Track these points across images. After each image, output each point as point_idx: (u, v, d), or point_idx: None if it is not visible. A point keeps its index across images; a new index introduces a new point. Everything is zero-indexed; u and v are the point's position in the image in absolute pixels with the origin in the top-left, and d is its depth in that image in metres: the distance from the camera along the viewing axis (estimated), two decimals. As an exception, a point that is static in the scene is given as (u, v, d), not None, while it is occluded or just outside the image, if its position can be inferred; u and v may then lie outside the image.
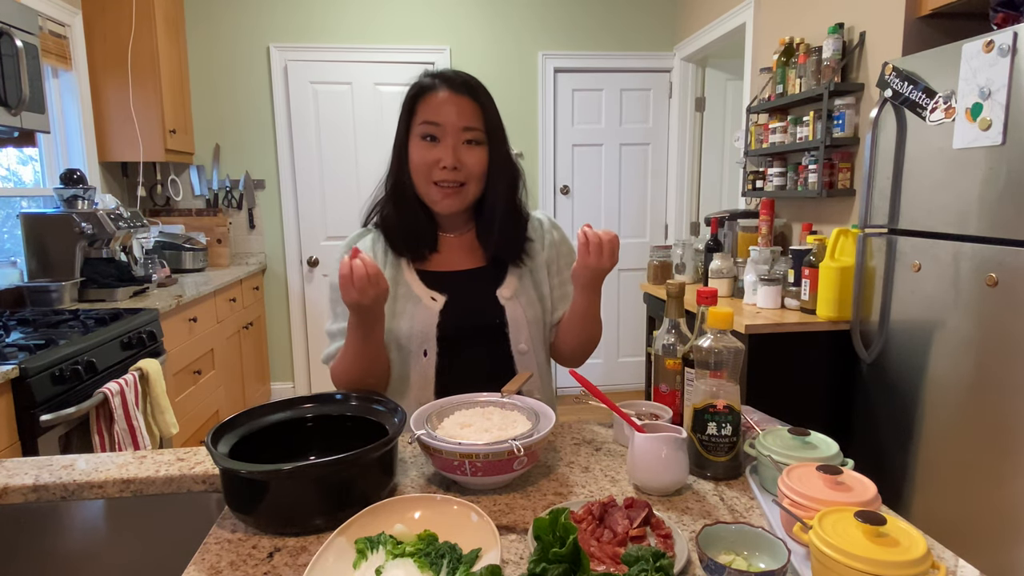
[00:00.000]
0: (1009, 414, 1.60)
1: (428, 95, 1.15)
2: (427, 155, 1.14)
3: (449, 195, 1.16)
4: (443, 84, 1.15)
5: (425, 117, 1.14)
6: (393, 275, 1.21)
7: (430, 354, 1.18)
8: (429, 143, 1.14)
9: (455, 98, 1.14)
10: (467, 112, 1.15)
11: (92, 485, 0.94)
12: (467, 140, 1.15)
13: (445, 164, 1.13)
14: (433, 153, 1.14)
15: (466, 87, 1.16)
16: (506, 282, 1.22)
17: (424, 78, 1.19)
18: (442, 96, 1.14)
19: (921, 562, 0.59)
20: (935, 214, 1.82)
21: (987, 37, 1.60)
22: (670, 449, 0.87)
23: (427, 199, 1.19)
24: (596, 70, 4.02)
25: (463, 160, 1.14)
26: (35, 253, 2.55)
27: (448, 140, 1.14)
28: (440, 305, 1.18)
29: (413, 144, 1.16)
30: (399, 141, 1.19)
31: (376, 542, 0.74)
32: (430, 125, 1.14)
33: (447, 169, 1.14)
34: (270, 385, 4.04)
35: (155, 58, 3.20)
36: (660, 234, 4.23)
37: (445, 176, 1.14)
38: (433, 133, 1.14)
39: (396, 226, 1.21)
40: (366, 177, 3.89)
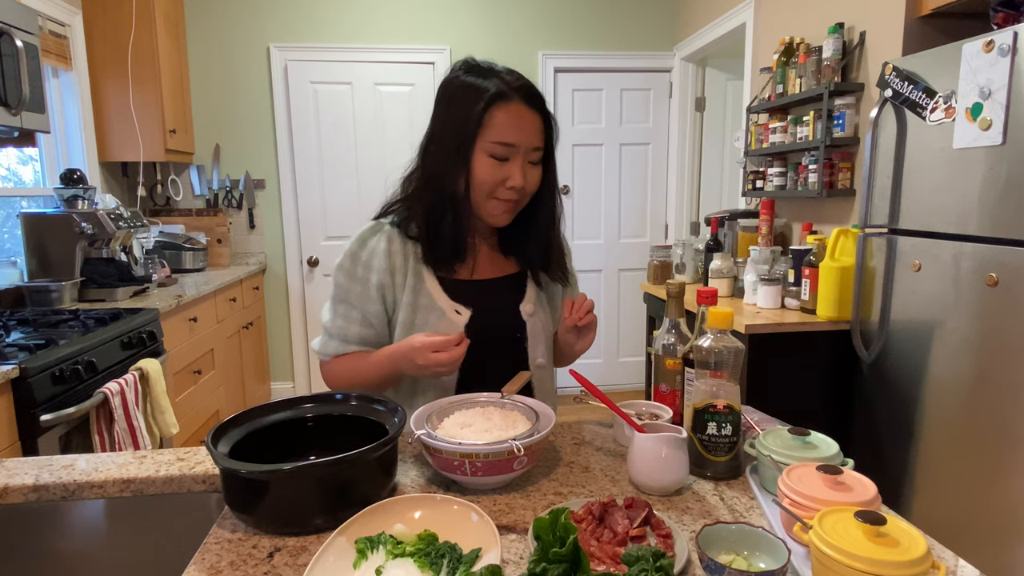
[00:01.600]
0: (1009, 414, 1.60)
1: (503, 106, 1.05)
2: (496, 173, 1.07)
3: (508, 211, 1.12)
4: (518, 96, 1.06)
5: (500, 136, 1.05)
6: (414, 283, 1.15)
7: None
8: (498, 161, 1.07)
9: (529, 114, 1.07)
10: (539, 130, 1.09)
11: (92, 485, 0.94)
12: (531, 160, 1.10)
13: (514, 184, 1.07)
14: (502, 171, 1.07)
15: (541, 102, 1.09)
16: (527, 296, 1.21)
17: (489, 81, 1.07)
18: (520, 110, 1.06)
19: (921, 562, 0.59)
20: (935, 214, 1.82)
21: (987, 37, 1.60)
22: (670, 449, 0.87)
23: (482, 210, 1.12)
24: (596, 70, 4.02)
25: (527, 180, 1.09)
26: (35, 253, 2.55)
27: (519, 160, 1.07)
28: (465, 319, 1.14)
29: (479, 158, 1.07)
30: (456, 147, 1.08)
31: (376, 542, 0.74)
32: (505, 147, 1.05)
33: (514, 189, 1.08)
34: (270, 385, 4.04)
35: (155, 58, 3.20)
36: (660, 234, 4.23)
37: (511, 196, 1.09)
38: (506, 154, 1.06)
39: (437, 238, 1.13)
40: (366, 177, 3.89)
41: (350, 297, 1.16)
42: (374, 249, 1.15)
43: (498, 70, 1.10)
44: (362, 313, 1.16)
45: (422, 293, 1.15)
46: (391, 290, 1.15)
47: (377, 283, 1.14)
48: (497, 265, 1.22)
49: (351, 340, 1.16)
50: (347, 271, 1.16)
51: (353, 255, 1.16)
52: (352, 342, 1.16)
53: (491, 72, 1.09)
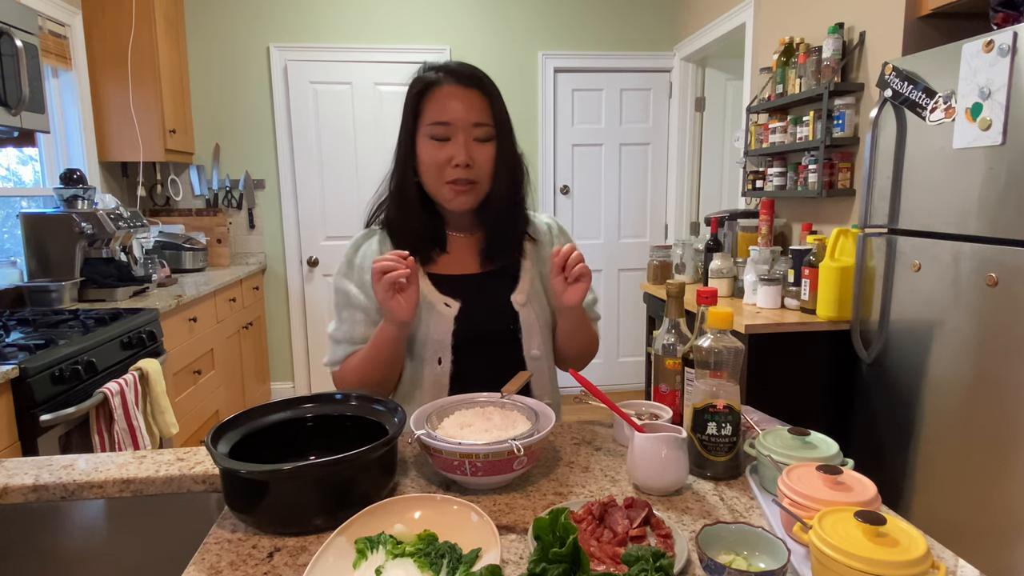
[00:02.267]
0: (1009, 414, 1.60)
1: (434, 91, 1.10)
2: (438, 154, 1.10)
3: (461, 193, 1.13)
4: (449, 78, 1.11)
5: (434, 117, 1.09)
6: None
7: (444, 362, 1.16)
8: (439, 142, 1.10)
9: (463, 92, 1.10)
10: (476, 106, 1.10)
11: (92, 485, 0.94)
12: (476, 137, 1.11)
13: (458, 162, 1.09)
14: (444, 152, 1.10)
15: (473, 79, 1.12)
16: (519, 287, 1.20)
17: (427, 72, 1.13)
18: (449, 91, 1.10)
19: (921, 562, 0.59)
20: (935, 214, 1.82)
21: (987, 37, 1.60)
22: (670, 449, 0.87)
23: (439, 198, 1.15)
24: (596, 70, 4.02)
25: (474, 157, 1.10)
26: (35, 253, 2.55)
27: (459, 137, 1.10)
28: (455, 311, 1.15)
29: (422, 144, 1.12)
30: (404, 139, 1.14)
31: (376, 542, 0.74)
32: (440, 126, 1.09)
33: (460, 167, 1.10)
34: (270, 385, 4.04)
35: (155, 58, 3.20)
36: (660, 234, 4.23)
37: (459, 175, 1.10)
38: (443, 133, 1.10)
39: (403, 228, 1.18)
40: (366, 177, 3.89)
41: (352, 300, 1.18)
42: (366, 252, 1.20)
43: (441, 65, 1.14)
44: (365, 312, 1.18)
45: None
46: None
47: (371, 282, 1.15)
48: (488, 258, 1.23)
49: (358, 340, 1.18)
50: (345, 275, 1.21)
51: (349, 261, 1.21)
52: (360, 342, 1.17)
53: (432, 67, 1.14)
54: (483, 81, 1.13)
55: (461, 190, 1.12)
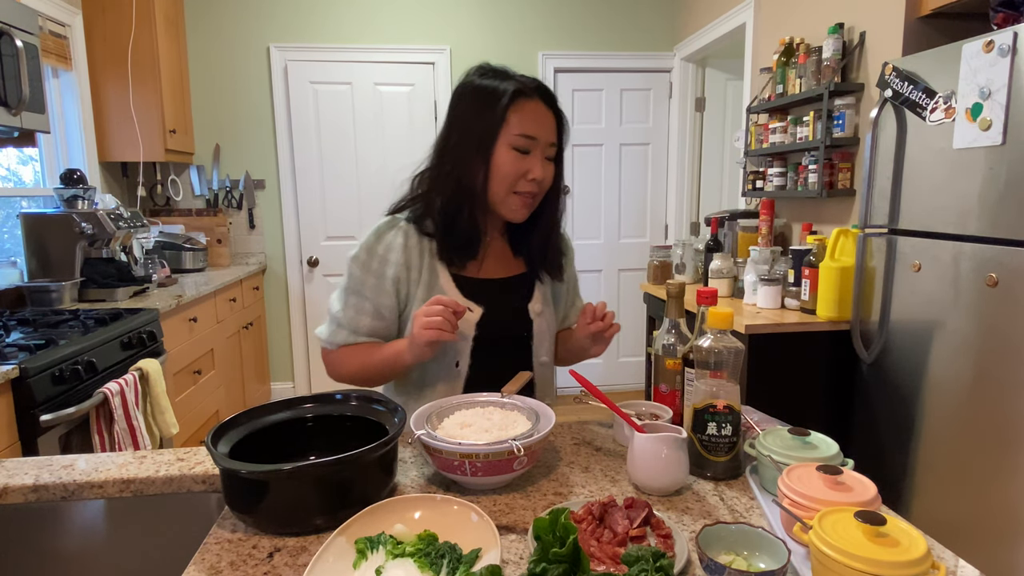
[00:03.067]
0: (1009, 414, 1.60)
1: (524, 103, 1.11)
2: (518, 166, 1.11)
3: (526, 206, 1.16)
4: (537, 95, 1.13)
5: (523, 129, 1.11)
6: (428, 279, 1.17)
7: (462, 364, 1.17)
8: (520, 154, 1.12)
9: (547, 111, 1.14)
10: (553, 128, 1.15)
11: (92, 485, 0.94)
12: (548, 156, 1.15)
13: (534, 176, 1.12)
14: (524, 164, 1.12)
15: (555, 100, 1.16)
16: (535, 296, 1.24)
17: (508, 82, 1.13)
18: (538, 108, 1.13)
19: (921, 562, 0.59)
20: (935, 214, 1.82)
21: (987, 37, 1.60)
22: (670, 449, 0.87)
23: (501, 206, 1.15)
24: (596, 70, 4.02)
25: (544, 174, 1.15)
26: (35, 253, 2.55)
27: (538, 153, 1.13)
28: (477, 317, 1.16)
29: (502, 151, 1.11)
30: (477, 143, 1.12)
31: (376, 542, 0.74)
32: (527, 139, 1.11)
33: (534, 182, 1.13)
34: (270, 385, 4.04)
35: (155, 58, 3.20)
36: (660, 234, 4.23)
37: (531, 188, 1.13)
38: (526, 147, 1.12)
39: (454, 231, 1.16)
40: (366, 177, 3.89)
41: (364, 289, 1.17)
42: (390, 243, 1.17)
43: (513, 73, 1.16)
44: (375, 305, 1.17)
45: (436, 289, 1.17)
46: (405, 284, 1.17)
47: (393, 277, 1.16)
48: (507, 264, 1.25)
49: (361, 332, 1.18)
50: (362, 263, 1.17)
51: (369, 248, 1.18)
52: (362, 334, 1.18)
53: (507, 75, 1.15)
54: (558, 102, 1.17)
55: (526, 203, 1.15)
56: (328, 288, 3.99)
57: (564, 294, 1.34)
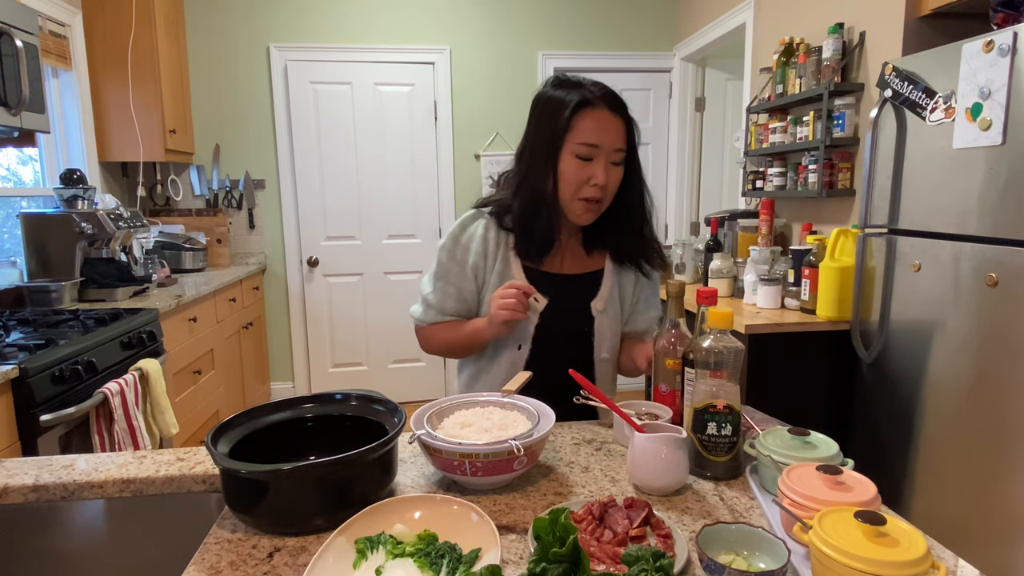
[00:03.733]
0: (1009, 414, 1.60)
1: (588, 112, 1.16)
2: (581, 173, 1.17)
3: (591, 210, 1.21)
4: (602, 102, 1.17)
5: (585, 138, 1.16)
6: (502, 269, 1.27)
7: (524, 348, 1.26)
8: (583, 161, 1.17)
9: (612, 118, 1.17)
10: (620, 133, 1.18)
11: (92, 485, 0.94)
12: (613, 161, 1.19)
13: (597, 182, 1.17)
14: (587, 171, 1.17)
15: (622, 107, 1.19)
16: (600, 294, 1.29)
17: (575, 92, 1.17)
18: (602, 115, 1.16)
19: (921, 562, 0.59)
20: (935, 214, 1.82)
21: (987, 37, 1.60)
22: (670, 449, 0.87)
23: (567, 210, 1.22)
24: (596, 70, 4.02)
25: (608, 179, 1.18)
26: (35, 253, 2.55)
27: (602, 160, 1.17)
28: (541, 307, 1.25)
29: (567, 158, 1.17)
30: (542, 147, 1.19)
31: (376, 542, 0.74)
32: (589, 147, 1.16)
33: (597, 188, 1.17)
34: (270, 385, 4.04)
35: (155, 58, 3.20)
36: (660, 234, 4.22)
37: (593, 194, 1.18)
38: (590, 154, 1.16)
39: (528, 230, 1.24)
40: (366, 177, 3.89)
41: (449, 276, 1.29)
42: (472, 233, 1.28)
43: (583, 82, 1.20)
44: (458, 289, 1.29)
45: (507, 278, 1.27)
46: (482, 272, 1.28)
47: (472, 264, 1.27)
48: (579, 262, 1.31)
49: (447, 312, 1.30)
50: (448, 251, 1.29)
51: (455, 237, 1.29)
52: (448, 313, 1.30)
53: (577, 84, 1.19)
54: (626, 109, 1.20)
55: (591, 207, 1.21)
56: (328, 288, 3.99)
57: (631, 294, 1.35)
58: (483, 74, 3.89)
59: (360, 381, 4.09)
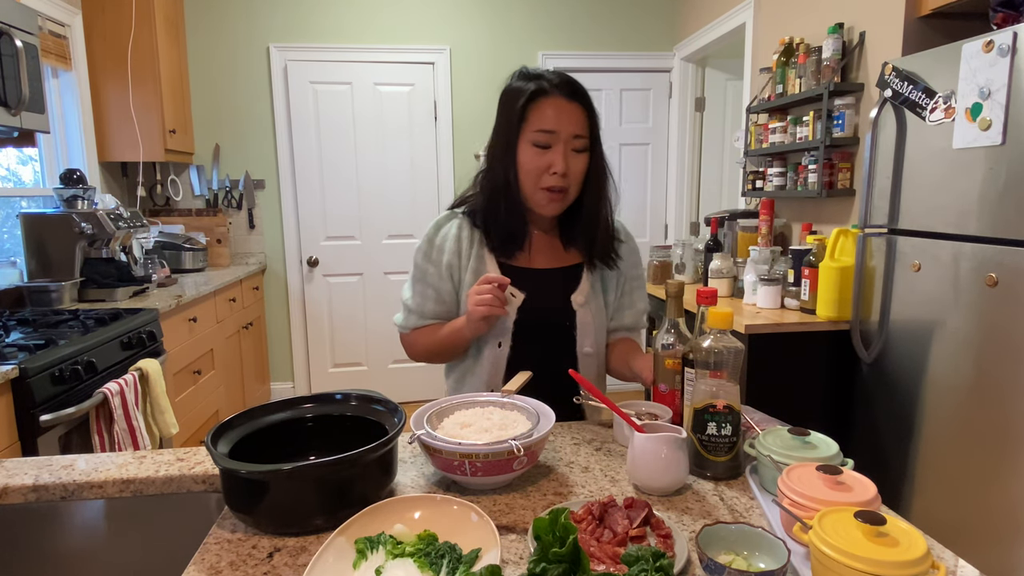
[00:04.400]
0: (1009, 414, 1.60)
1: (541, 100, 1.16)
2: (539, 161, 1.17)
3: (555, 200, 1.20)
4: (556, 90, 1.17)
5: (540, 125, 1.16)
6: (476, 266, 1.26)
7: (504, 346, 1.25)
8: (541, 149, 1.17)
9: (568, 105, 1.17)
10: (577, 119, 1.17)
11: (92, 485, 0.94)
12: (574, 148, 1.18)
13: (556, 170, 1.16)
14: (545, 159, 1.17)
15: (577, 94, 1.18)
16: (580, 288, 1.28)
17: (533, 82, 1.18)
18: (556, 102, 1.16)
19: (921, 562, 0.59)
20: (935, 214, 1.82)
21: (987, 37, 1.60)
22: (670, 449, 0.87)
23: (532, 202, 1.22)
24: (596, 70, 4.02)
25: (570, 167, 1.18)
26: (35, 253, 2.55)
27: (559, 147, 1.16)
28: (518, 302, 1.24)
29: (524, 149, 1.18)
30: (503, 141, 1.20)
31: (376, 542, 0.74)
32: (545, 134, 1.16)
33: (557, 175, 1.17)
34: (270, 385, 4.04)
35: (155, 58, 3.20)
36: (660, 234, 4.23)
37: (555, 182, 1.18)
38: (546, 141, 1.16)
39: (495, 224, 1.25)
40: (366, 177, 3.89)
41: (426, 277, 1.29)
42: (446, 234, 1.29)
43: (543, 73, 1.20)
44: (436, 291, 1.29)
45: (482, 275, 1.25)
46: (457, 270, 1.28)
47: (447, 263, 1.28)
48: (556, 256, 1.30)
49: (427, 315, 1.30)
50: (424, 253, 1.30)
51: (430, 239, 1.30)
52: (428, 316, 1.30)
53: (537, 75, 1.20)
54: (585, 96, 1.19)
55: (554, 197, 1.20)
56: (328, 288, 3.99)
57: (615, 288, 1.35)
58: (483, 74, 3.89)
59: (360, 381, 4.09)
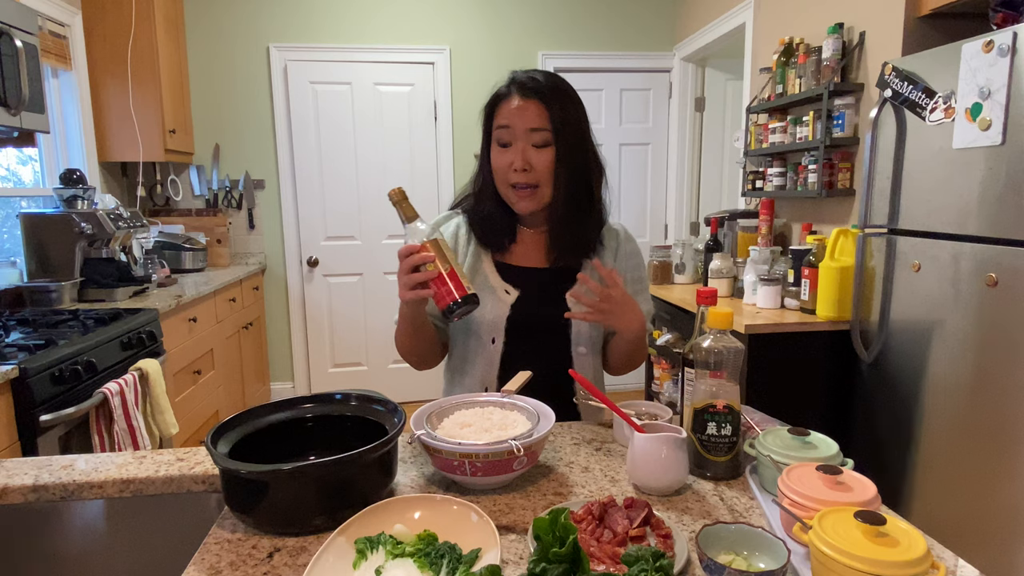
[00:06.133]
0: (1009, 414, 1.60)
1: (503, 102, 1.20)
2: (501, 159, 1.20)
3: (524, 197, 1.22)
4: (515, 89, 1.20)
5: (498, 122, 1.20)
6: (473, 263, 1.27)
7: (497, 342, 1.25)
8: (503, 148, 1.20)
9: (523, 102, 1.18)
10: (533, 114, 1.18)
11: (92, 485, 0.94)
12: (535, 143, 1.18)
13: (516, 166, 1.18)
14: (506, 157, 1.20)
15: (535, 91, 1.18)
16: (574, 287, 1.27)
17: (501, 87, 1.23)
18: (513, 101, 1.19)
19: (921, 562, 0.59)
20: (935, 214, 1.82)
21: (987, 37, 1.60)
22: (670, 449, 0.87)
23: (507, 200, 1.25)
24: (596, 70, 4.02)
25: (532, 162, 1.18)
26: (35, 253, 2.55)
27: (518, 144, 1.19)
28: (512, 299, 1.25)
29: (492, 149, 1.22)
30: (483, 145, 1.26)
31: (376, 542, 0.74)
32: (502, 130, 1.20)
33: (518, 171, 1.19)
34: (270, 385, 4.04)
35: (155, 58, 3.20)
36: (660, 234, 4.23)
37: (519, 179, 1.19)
38: (505, 139, 1.19)
39: (479, 221, 1.28)
40: (366, 177, 3.89)
41: None
42: (443, 232, 1.30)
43: (515, 75, 1.23)
44: None
45: (479, 272, 1.27)
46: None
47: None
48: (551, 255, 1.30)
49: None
50: None
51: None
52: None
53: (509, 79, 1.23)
54: (543, 90, 1.18)
55: (523, 194, 1.21)
56: (328, 288, 3.99)
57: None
58: (483, 74, 3.89)
59: (360, 381, 4.09)
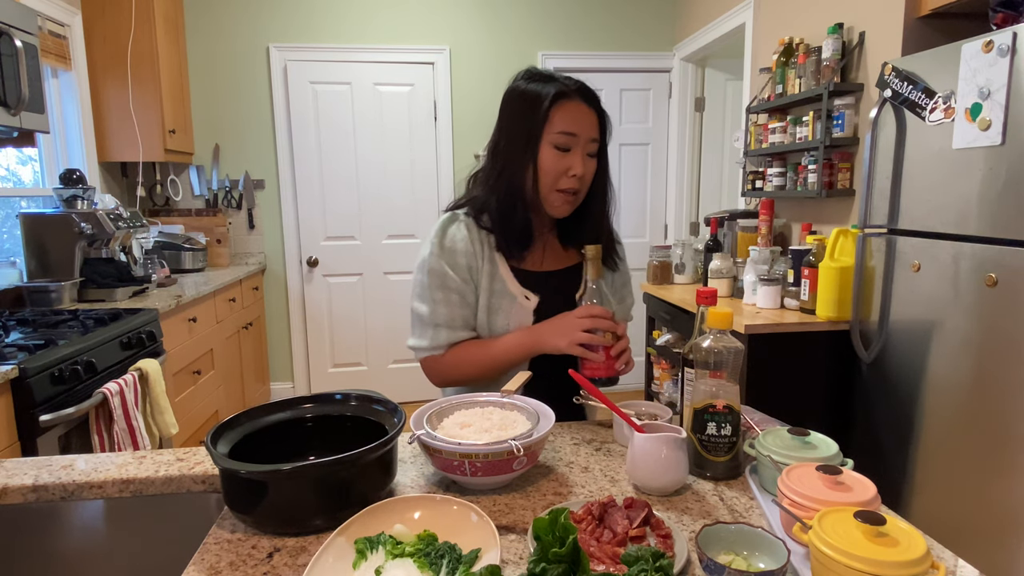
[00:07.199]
0: (1009, 414, 1.60)
1: (565, 103, 1.17)
2: (559, 163, 1.17)
3: (568, 202, 1.21)
4: (577, 94, 1.18)
5: (563, 127, 1.16)
6: (490, 270, 1.24)
7: None
8: (561, 152, 1.17)
9: (588, 109, 1.19)
10: (593, 124, 1.19)
11: (92, 485, 0.94)
12: (589, 152, 1.20)
13: (575, 173, 1.17)
14: (565, 162, 1.17)
15: (596, 100, 1.21)
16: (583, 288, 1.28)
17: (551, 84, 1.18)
18: (578, 107, 1.18)
19: (921, 562, 0.59)
20: (935, 214, 1.82)
21: (986, 37, 1.60)
22: (670, 449, 0.87)
23: (545, 202, 1.21)
24: (596, 70, 4.02)
25: (586, 170, 1.19)
26: (35, 253, 2.55)
27: (579, 150, 1.18)
28: (533, 305, 1.23)
29: (545, 150, 1.17)
30: (521, 141, 1.18)
31: (376, 542, 0.74)
32: (567, 136, 1.16)
33: (575, 178, 1.18)
34: (270, 385, 4.04)
35: (155, 58, 3.20)
36: (660, 234, 4.23)
37: (572, 184, 1.18)
38: (567, 144, 1.17)
39: (506, 227, 1.23)
40: (366, 177, 3.89)
41: (447, 282, 1.21)
42: (455, 235, 1.23)
43: (557, 76, 1.21)
44: (460, 294, 1.22)
45: (496, 278, 1.24)
46: (476, 272, 1.24)
47: (466, 264, 1.23)
48: (558, 257, 1.31)
49: (458, 325, 1.22)
50: (437, 257, 1.22)
51: (440, 243, 1.23)
52: (459, 327, 1.22)
53: (551, 77, 1.20)
54: (598, 102, 1.22)
55: (568, 199, 1.20)
56: (328, 288, 3.99)
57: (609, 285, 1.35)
58: (483, 74, 3.89)
59: (360, 381, 4.09)
